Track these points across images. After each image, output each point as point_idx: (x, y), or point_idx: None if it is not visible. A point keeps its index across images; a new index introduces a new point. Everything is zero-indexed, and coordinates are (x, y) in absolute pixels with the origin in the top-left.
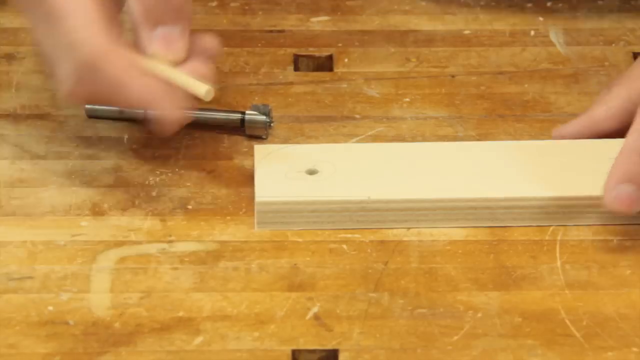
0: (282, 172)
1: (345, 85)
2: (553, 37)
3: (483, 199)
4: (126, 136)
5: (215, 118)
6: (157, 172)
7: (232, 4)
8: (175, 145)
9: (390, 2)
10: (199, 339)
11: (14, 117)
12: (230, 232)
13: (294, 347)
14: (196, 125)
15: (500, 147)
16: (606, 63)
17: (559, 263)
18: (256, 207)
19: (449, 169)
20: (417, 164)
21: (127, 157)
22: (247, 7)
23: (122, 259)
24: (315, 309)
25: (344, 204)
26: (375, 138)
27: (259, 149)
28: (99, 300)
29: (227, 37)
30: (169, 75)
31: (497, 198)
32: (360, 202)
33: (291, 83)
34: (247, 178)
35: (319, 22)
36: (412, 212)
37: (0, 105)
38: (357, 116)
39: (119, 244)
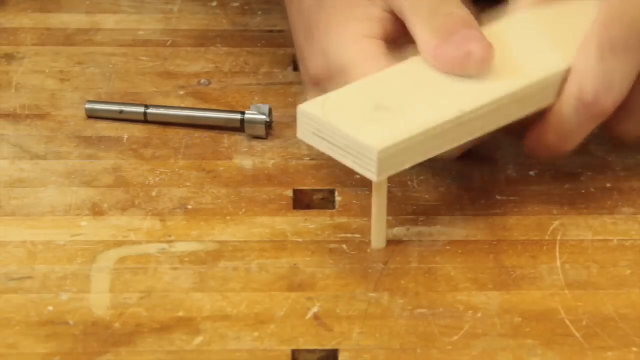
0: (357, 116)
1: None
2: None
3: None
4: (126, 136)
5: (215, 118)
6: (157, 172)
7: (232, 4)
8: (175, 145)
9: None
10: (199, 339)
11: (14, 117)
12: (230, 232)
13: (294, 347)
14: (196, 125)
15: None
16: None
17: (559, 263)
18: (379, 156)
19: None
20: None
21: (127, 157)
22: (247, 7)
23: (122, 259)
24: (315, 309)
25: (444, 125)
26: None
27: (304, 108)
28: (99, 300)
29: (227, 37)
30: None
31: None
32: (457, 118)
33: (291, 83)
34: (247, 178)
35: None
36: (499, 111)
37: (0, 105)
38: None
39: (119, 244)
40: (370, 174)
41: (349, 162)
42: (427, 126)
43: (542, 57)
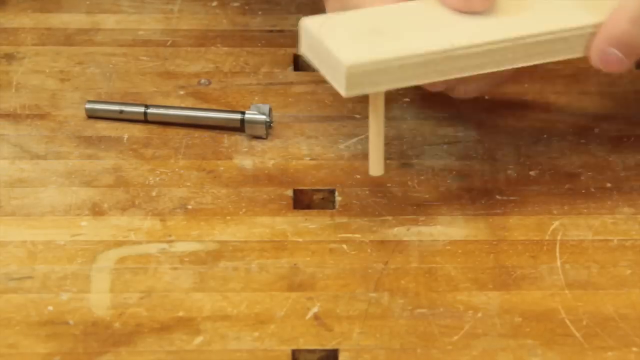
0: (349, 35)
1: None
2: None
3: (567, 29)
4: (126, 136)
5: (215, 118)
6: (157, 172)
7: (232, 4)
8: (175, 145)
9: None
10: (199, 339)
11: (14, 117)
12: (230, 232)
13: (294, 347)
14: (196, 125)
15: None
16: None
17: (559, 263)
18: (347, 71)
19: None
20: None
21: (127, 157)
22: (247, 7)
23: (122, 259)
24: (315, 309)
25: (430, 55)
26: None
27: (304, 22)
28: (99, 300)
29: (227, 37)
30: None
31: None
32: (445, 51)
33: (291, 83)
34: (247, 178)
35: None
36: (493, 54)
37: (0, 105)
38: (357, 116)
39: (119, 244)
40: (341, 88)
41: (328, 77)
42: (407, 52)
43: (560, 12)
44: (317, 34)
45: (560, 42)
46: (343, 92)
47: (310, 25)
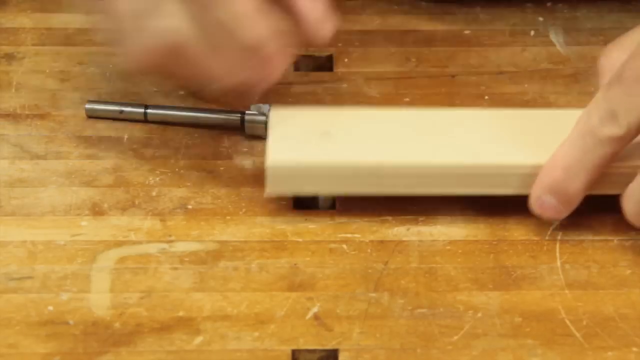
0: (295, 134)
1: (345, 85)
2: (553, 37)
3: (501, 166)
4: (126, 136)
5: (215, 118)
6: (157, 172)
7: None
8: (175, 145)
9: (390, 2)
10: (199, 339)
11: (14, 117)
12: (230, 232)
13: (294, 347)
14: (196, 125)
15: (507, 115)
16: None
17: (559, 263)
18: (267, 172)
19: (462, 134)
20: (429, 129)
21: (127, 157)
22: None
23: (122, 259)
24: (315, 309)
25: (356, 169)
26: None
27: (276, 112)
28: (99, 300)
29: None
30: None
31: (518, 165)
32: (373, 166)
33: (291, 83)
34: (247, 178)
35: None
36: (425, 178)
37: (0, 105)
38: None
39: (119, 243)
40: (266, 184)
41: (265, 165)
42: (337, 162)
43: (504, 147)
44: (272, 124)
45: (497, 178)
46: (266, 188)
47: (274, 115)
